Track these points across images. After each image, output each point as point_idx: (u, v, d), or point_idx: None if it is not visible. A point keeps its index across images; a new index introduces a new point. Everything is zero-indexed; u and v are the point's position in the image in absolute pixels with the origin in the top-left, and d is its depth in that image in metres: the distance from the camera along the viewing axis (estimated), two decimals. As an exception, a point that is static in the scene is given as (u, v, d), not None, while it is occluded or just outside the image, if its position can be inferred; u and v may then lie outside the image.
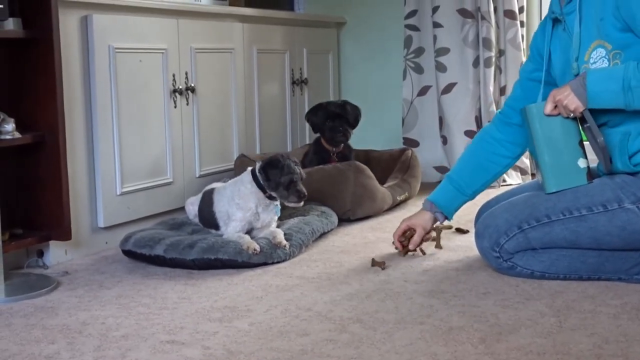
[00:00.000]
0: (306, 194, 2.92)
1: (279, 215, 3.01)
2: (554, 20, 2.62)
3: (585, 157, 2.51)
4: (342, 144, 3.75)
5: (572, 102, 2.41)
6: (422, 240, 2.83)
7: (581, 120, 2.48)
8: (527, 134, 2.61)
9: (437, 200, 2.81)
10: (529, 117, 2.52)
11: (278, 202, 2.97)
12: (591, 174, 2.53)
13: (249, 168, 2.99)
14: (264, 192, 2.92)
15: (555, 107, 2.46)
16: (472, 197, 2.83)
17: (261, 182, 2.91)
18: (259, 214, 2.93)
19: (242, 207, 2.91)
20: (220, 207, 2.98)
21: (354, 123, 3.73)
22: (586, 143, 2.52)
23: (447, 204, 2.81)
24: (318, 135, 3.83)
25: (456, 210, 2.84)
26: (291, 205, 2.96)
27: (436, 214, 2.82)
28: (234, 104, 3.83)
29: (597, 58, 2.45)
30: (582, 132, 2.52)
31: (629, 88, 2.31)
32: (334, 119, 3.67)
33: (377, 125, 4.77)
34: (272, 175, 2.88)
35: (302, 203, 2.95)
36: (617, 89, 2.34)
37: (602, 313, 2.20)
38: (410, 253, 2.87)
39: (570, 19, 2.54)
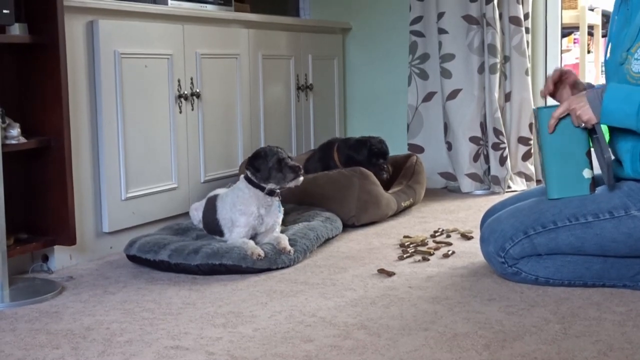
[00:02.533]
0: (301, 167, 2.93)
1: (282, 212, 3.01)
2: None
3: (591, 168, 2.49)
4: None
5: (586, 113, 2.40)
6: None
7: (591, 131, 2.46)
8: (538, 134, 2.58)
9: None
10: (540, 121, 2.50)
11: (278, 199, 2.97)
12: (595, 185, 2.51)
13: (242, 175, 3.00)
14: (262, 189, 2.92)
15: (568, 113, 2.45)
16: None
17: (255, 180, 2.92)
18: (262, 216, 2.94)
19: (245, 212, 2.92)
20: (224, 214, 2.98)
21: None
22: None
23: None
24: (327, 143, 3.83)
25: None
26: (292, 184, 2.94)
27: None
28: (239, 109, 3.83)
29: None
30: (591, 143, 2.51)
31: None
32: (377, 157, 3.69)
33: (381, 131, 4.74)
34: (259, 165, 2.89)
35: (301, 178, 2.94)
36: (631, 112, 2.32)
37: (607, 320, 2.20)
38: (417, 257, 2.87)
39: (634, 2, 2.49)
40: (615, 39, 2.57)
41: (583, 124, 2.43)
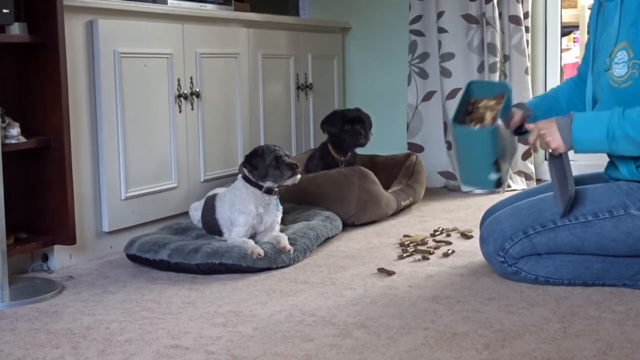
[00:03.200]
0: (298, 164, 2.92)
1: (281, 211, 3.01)
2: (599, 3, 2.60)
3: (499, 171, 2.50)
4: (349, 153, 3.74)
5: (555, 141, 2.41)
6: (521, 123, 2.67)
7: (561, 157, 2.45)
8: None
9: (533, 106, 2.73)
10: (455, 137, 2.56)
11: (277, 197, 2.98)
12: (501, 183, 2.55)
13: (239, 175, 3.01)
14: (260, 188, 2.92)
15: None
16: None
17: (252, 179, 2.92)
18: (261, 215, 2.94)
19: (244, 211, 2.92)
20: (222, 214, 2.98)
21: (369, 127, 3.73)
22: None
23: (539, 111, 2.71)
24: (325, 141, 3.83)
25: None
26: (289, 182, 2.93)
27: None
28: (238, 108, 3.83)
29: (620, 60, 2.43)
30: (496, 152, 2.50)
31: (613, 138, 2.33)
32: (352, 123, 3.67)
33: (381, 131, 4.76)
34: (257, 163, 2.90)
35: (298, 176, 2.93)
36: (601, 137, 2.34)
37: (607, 319, 2.20)
38: (416, 256, 2.88)
39: (610, 7, 2.51)
40: (596, 47, 2.58)
41: (550, 151, 2.45)
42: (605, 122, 2.34)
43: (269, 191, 2.94)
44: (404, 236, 3.27)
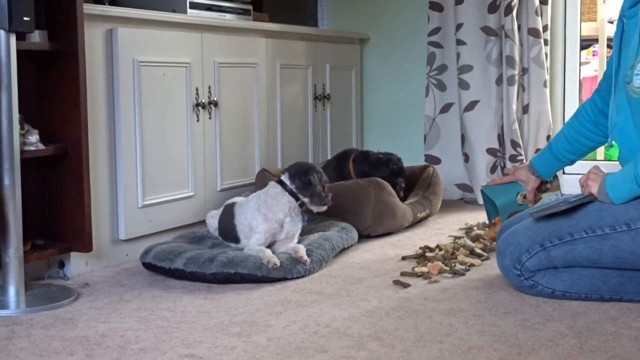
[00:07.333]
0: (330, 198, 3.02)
1: (305, 222, 3.02)
2: (622, 22, 2.63)
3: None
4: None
5: (593, 187, 2.51)
6: (535, 195, 3.11)
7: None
8: None
9: (537, 166, 3.05)
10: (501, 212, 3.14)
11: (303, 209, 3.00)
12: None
13: (272, 182, 3.00)
14: (297, 199, 2.93)
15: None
16: (570, 164, 3.03)
17: (294, 190, 2.92)
18: (285, 225, 2.94)
19: (269, 219, 2.91)
20: (242, 220, 2.98)
21: None
22: None
23: (545, 169, 3.05)
24: (343, 152, 3.84)
25: (554, 173, 3.08)
26: (318, 209, 2.98)
27: (537, 176, 3.07)
28: (256, 118, 3.84)
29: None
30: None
31: None
32: (397, 176, 3.73)
33: (398, 142, 4.76)
34: (312, 181, 2.92)
35: (326, 207, 3.00)
36: (634, 188, 2.40)
37: (624, 335, 2.18)
38: (426, 278, 2.87)
39: (630, 23, 2.54)
40: (619, 65, 2.60)
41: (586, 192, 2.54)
42: (631, 173, 2.40)
43: (302, 204, 2.95)
44: (421, 248, 3.23)
